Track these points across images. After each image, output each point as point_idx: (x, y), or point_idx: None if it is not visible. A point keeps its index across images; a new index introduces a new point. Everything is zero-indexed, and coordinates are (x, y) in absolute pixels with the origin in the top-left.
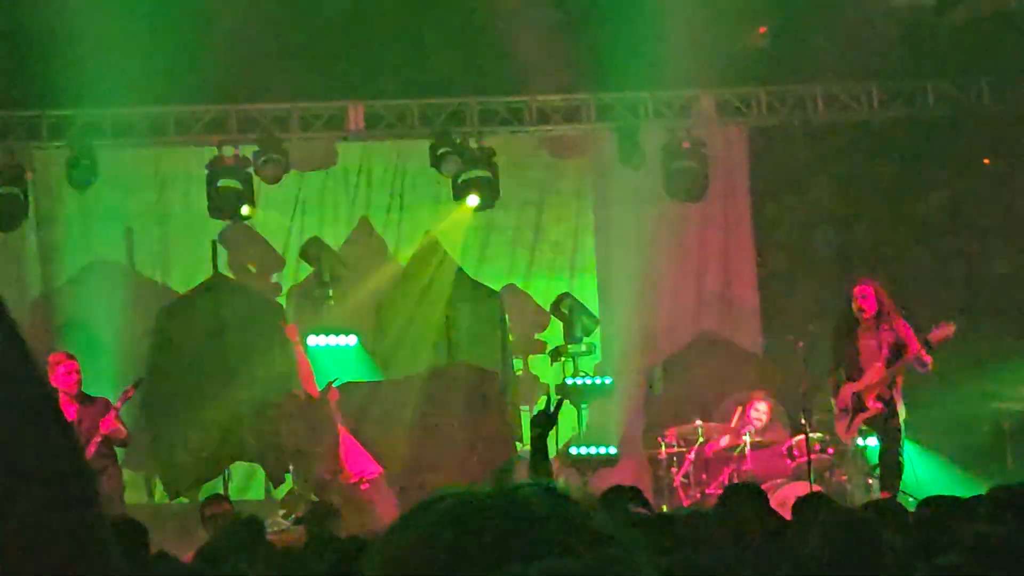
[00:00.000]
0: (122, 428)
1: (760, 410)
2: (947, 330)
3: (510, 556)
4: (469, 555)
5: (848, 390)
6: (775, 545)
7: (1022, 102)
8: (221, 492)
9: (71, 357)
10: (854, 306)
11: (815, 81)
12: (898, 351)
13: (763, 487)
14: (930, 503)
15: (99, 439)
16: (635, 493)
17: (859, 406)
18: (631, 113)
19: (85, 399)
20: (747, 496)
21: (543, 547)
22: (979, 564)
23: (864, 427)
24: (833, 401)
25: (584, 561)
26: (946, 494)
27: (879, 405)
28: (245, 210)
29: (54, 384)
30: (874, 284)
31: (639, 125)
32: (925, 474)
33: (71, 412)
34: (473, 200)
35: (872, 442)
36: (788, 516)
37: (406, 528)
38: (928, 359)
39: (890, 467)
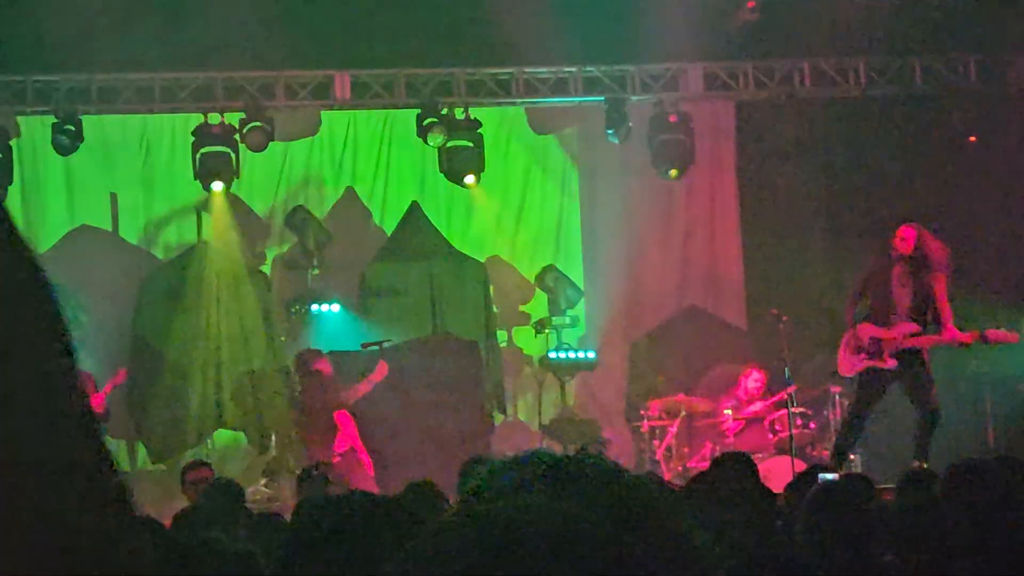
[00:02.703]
0: (106, 410)
1: (756, 380)
2: (1011, 337)
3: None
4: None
5: (868, 332)
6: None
7: (1009, 81)
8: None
9: None
10: (891, 244)
11: (803, 56)
12: (924, 308)
13: None
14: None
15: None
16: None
17: (876, 354)
18: (618, 86)
19: None
20: (737, 465)
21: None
22: None
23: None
24: (849, 325)
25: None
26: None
27: (893, 362)
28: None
29: None
30: (919, 228)
31: (626, 98)
32: None
33: None
34: (457, 171)
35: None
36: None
37: (454, 538)
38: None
39: (927, 425)
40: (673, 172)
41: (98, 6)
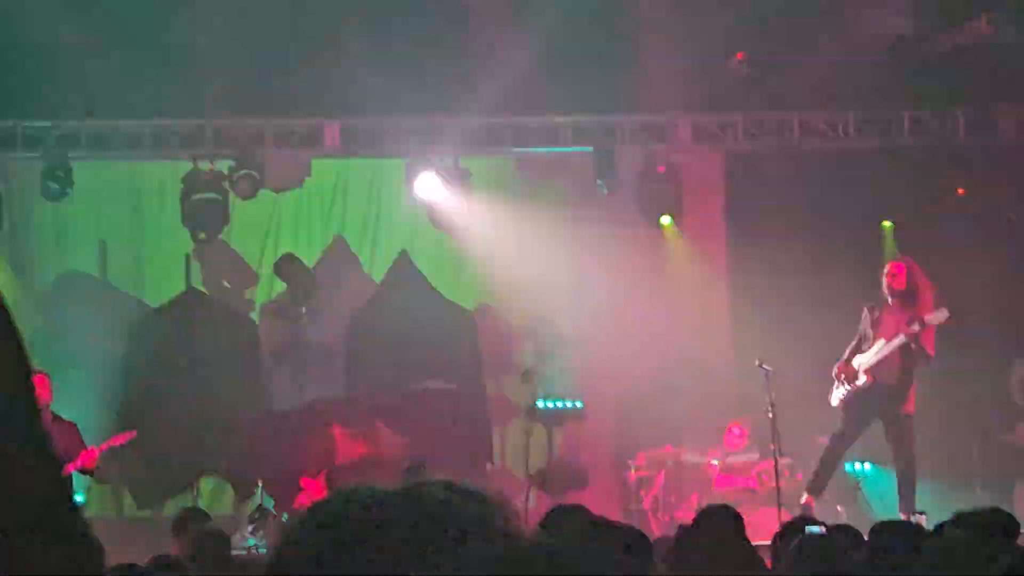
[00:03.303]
0: (96, 465)
1: (736, 434)
2: (941, 316)
3: (415, 549)
4: (373, 548)
5: (857, 358)
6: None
7: (997, 133)
8: (192, 506)
9: (40, 371)
10: (884, 282)
11: (792, 108)
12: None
13: None
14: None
15: (73, 468)
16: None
17: (852, 376)
18: (607, 136)
19: (55, 418)
20: (723, 518)
21: (446, 542)
22: None
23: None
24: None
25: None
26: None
27: (870, 379)
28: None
29: None
30: (909, 262)
31: (615, 148)
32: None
33: None
34: (445, 220)
35: (865, 467)
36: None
37: (314, 518)
38: (929, 346)
39: (908, 475)
40: (666, 219)
41: (89, 52)
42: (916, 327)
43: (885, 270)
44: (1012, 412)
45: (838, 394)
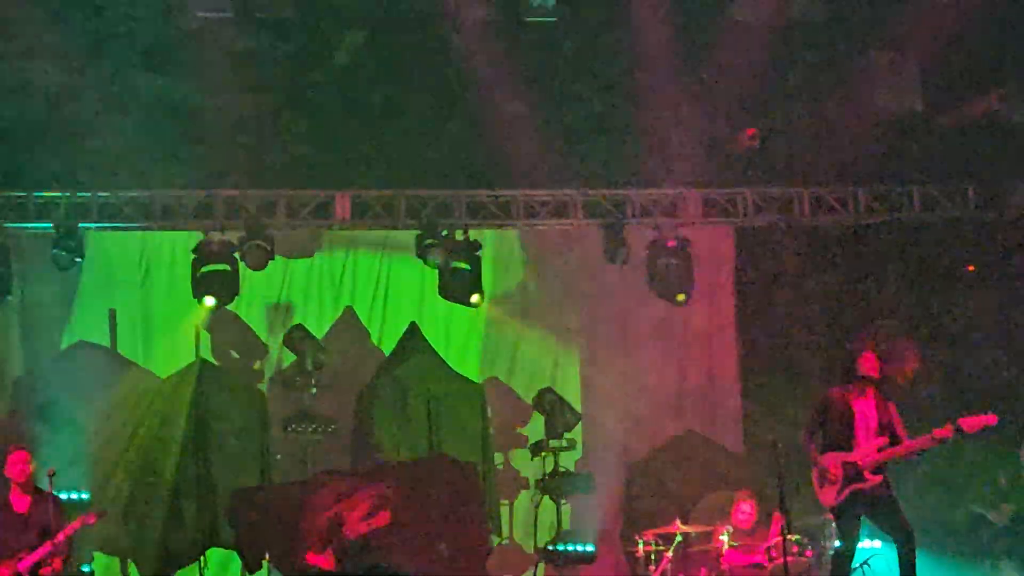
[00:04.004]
0: (68, 543)
1: (745, 511)
2: (988, 419)
3: None
4: None
5: (837, 458)
6: None
7: (1007, 209)
8: None
9: (21, 447)
10: (859, 367)
11: (802, 183)
12: (888, 428)
13: None
14: None
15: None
16: None
17: (856, 477)
18: (617, 210)
19: (36, 491)
20: None
21: None
22: None
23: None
24: (813, 463)
25: None
26: None
27: (878, 478)
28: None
29: (7, 475)
30: (877, 353)
31: (625, 222)
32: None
33: (22, 503)
34: (455, 292)
35: (876, 544)
36: None
37: None
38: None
39: (908, 551)
40: (680, 297)
41: (100, 124)
42: (951, 431)
43: (858, 355)
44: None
45: (830, 493)
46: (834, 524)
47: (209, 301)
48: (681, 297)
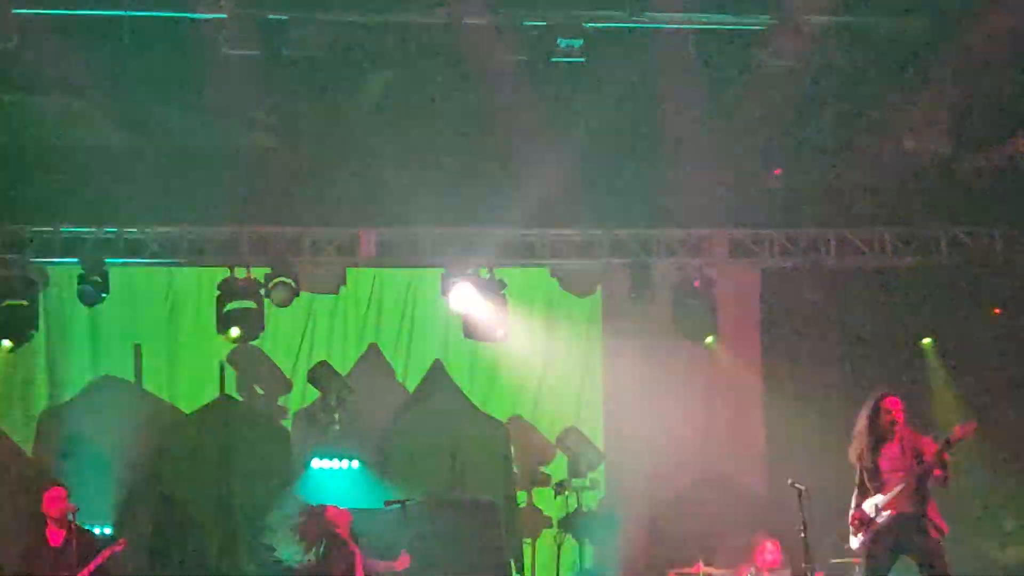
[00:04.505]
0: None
1: (771, 550)
2: (968, 428)
3: None
4: None
5: (868, 502)
6: None
7: None
8: None
9: (57, 484)
10: (883, 418)
11: (829, 225)
12: (919, 457)
13: None
14: None
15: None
16: None
17: (866, 522)
18: (643, 250)
19: (70, 526)
20: None
21: None
22: None
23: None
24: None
25: None
26: None
27: (894, 511)
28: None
29: (43, 511)
30: (899, 396)
31: (651, 262)
32: None
33: (57, 538)
34: (480, 331)
35: None
36: None
37: None
38: (943, 466)
39: None
40: (709, 339)
41: (127, 159)
42: (947, 445)
43: (882, 406)
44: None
45: (855, 541)
46: (858, 567)
47: (234, 333)
48: (710, 339)
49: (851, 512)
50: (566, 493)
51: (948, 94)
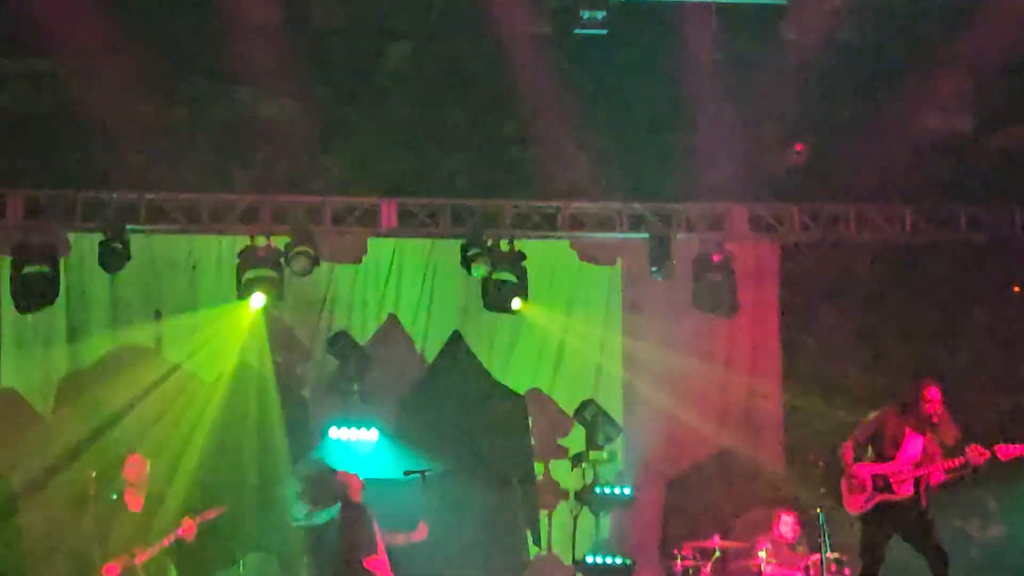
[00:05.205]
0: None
1: (788, 523)
2: (1020, 450)
3: None
4: None
5: (868, 468)
6: None
7: None
8: None
9: (133, 451)
10: (923, 407)
11: (849, 200)
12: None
13: None
14: None
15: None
16: None
17: (885, 488)
18: (663, 223)
19: (148, 493)
20: None
21: None
22: None
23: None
24: (842, 470)
25: None
26: None
27: (908, 491)
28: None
29: (124, 476)
30: (939, 387)
31: (671, 236)
32: None
33: (136, 503)
34: (499, 303)
35: None
36: None
37: None
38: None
39: (941, 570)
40: (730, 311)
41: (149, 127)
42: (986, 456)
43: (923, 393)
44: None
45: (856, 501)
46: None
47: (255, 304)
48: (731, 313)
49: (847, 470)
50: (583, 465)
51: (971, 72)
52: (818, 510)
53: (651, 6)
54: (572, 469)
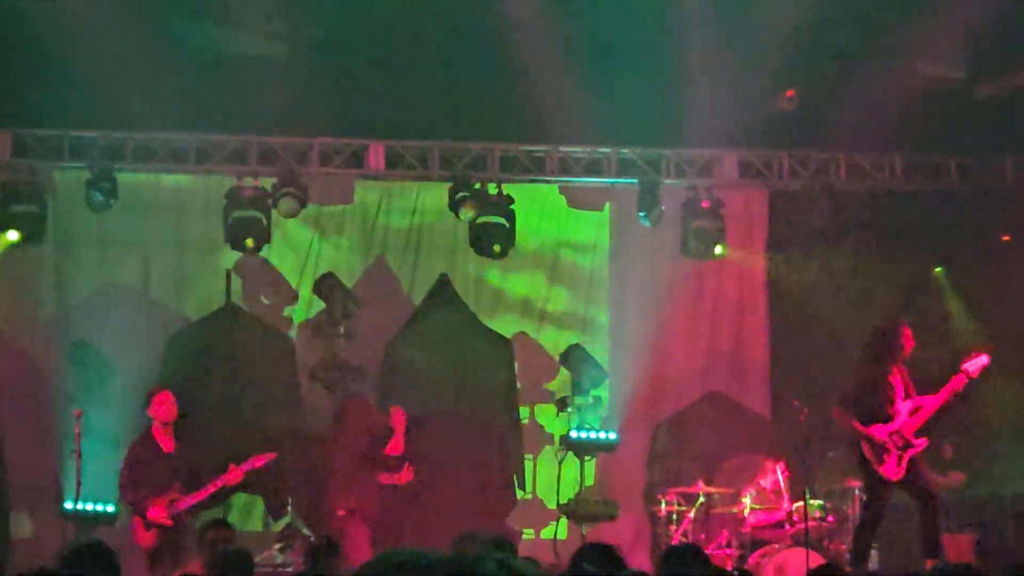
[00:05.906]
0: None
1: (772, 471)
2: (981, 359)
3: None
4: None
5: (883, 430)
6: None
7: None
8: (215, 520)
9: (165, 389)
10: (900, 343)
11: (839, 148)
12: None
13: (762, 551)
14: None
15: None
16: (608, 552)
17: (906, 445)
18: (652, 169)
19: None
20: (690, 558)
21: None
22: None
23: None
24: (859, 435)
25: None
26: None
27: (924, 440)
28: (261, 245)
29: (150, 414)
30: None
31: (660, 181)
32: None
33: (168, 443)
34: (487, 246)
35: None
36: None
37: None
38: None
39: (933, 529)
40: (718, 250)
41: (137, 65)
42: (965, 378)
43: (900, 331)
44: None
45: (891, 466)
46: (857, 490)
47: (239, 246)
48: (719, 249)
49: (865, 434)
50: (568, 410)
51: (962, 19)
52: (802, 456)
53: None
54: (557, 414)
